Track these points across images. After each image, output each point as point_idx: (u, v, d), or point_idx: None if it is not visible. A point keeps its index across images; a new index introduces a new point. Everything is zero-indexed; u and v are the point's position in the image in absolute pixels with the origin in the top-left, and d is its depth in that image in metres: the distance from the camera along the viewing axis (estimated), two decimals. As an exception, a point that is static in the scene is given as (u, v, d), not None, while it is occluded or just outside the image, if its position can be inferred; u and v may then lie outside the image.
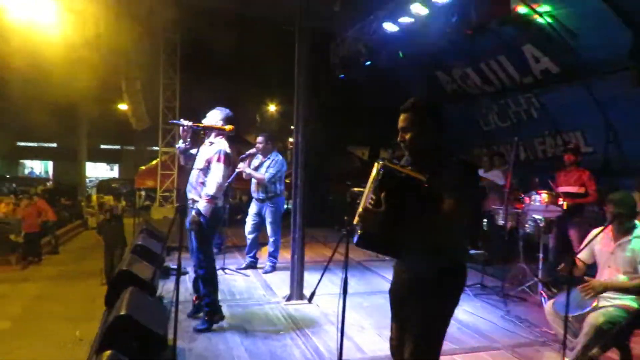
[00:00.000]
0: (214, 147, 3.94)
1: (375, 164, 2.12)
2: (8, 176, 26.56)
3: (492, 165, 6.90)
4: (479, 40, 7.27)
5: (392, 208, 1.97)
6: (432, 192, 2.02)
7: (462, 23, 5.47)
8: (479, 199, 2.35)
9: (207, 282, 4.01)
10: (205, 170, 3.90)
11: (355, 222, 2.10)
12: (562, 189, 5.44)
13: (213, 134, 4.01)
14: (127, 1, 8.18)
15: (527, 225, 5.52)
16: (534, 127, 8.16)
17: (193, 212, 3.82)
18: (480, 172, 6.78)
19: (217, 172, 3.83)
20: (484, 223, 6.94)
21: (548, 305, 3.59)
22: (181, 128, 3.90)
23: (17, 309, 7.52)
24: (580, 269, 3.45)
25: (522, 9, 5.96)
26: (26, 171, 34.26)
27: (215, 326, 4.06)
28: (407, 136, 2.20)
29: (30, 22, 7.44)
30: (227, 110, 4.08)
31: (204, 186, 3.86)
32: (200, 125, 3.88)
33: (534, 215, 5.34)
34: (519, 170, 8.12)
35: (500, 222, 5.81)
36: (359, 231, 2.08)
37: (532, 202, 5.23)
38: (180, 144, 3.99)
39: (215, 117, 4.02)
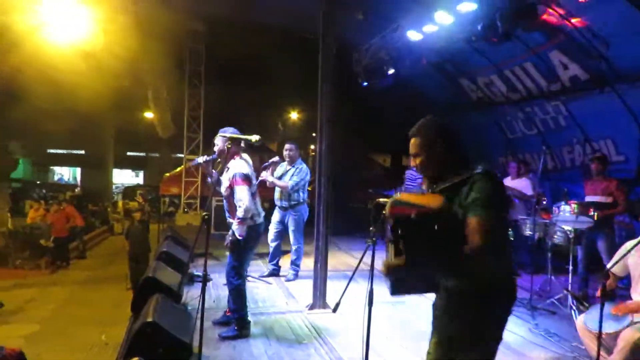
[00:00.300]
0: (230, 172, 3.97)
1: (386, 209, 1.98)
2: (39, 182, 27.36)
3: (519, 174, 6.76)
4: (505, 46, 7.17)
5: (414, 252, 1.87)
6: (453, 217, 1.92)
7: (487, 31, 5.39)
8: (505, 210, 2.14)
9: (237, 298, 4.09)
10: (229, 196, 4.00)
11: (383, 272, 1.99)
12: (589, 198, 5.30)
13: (227, 159, 4.00)
14: (154, 14, 8.38)
15: (555, 236, 5.39)
16: (561, 135, 7.99)
17: (229, 234, 3.96)
18: (507, 180, 6.64)
19: (240, 194, 3.88)
20: (510, 233, 6.80)
21: (579, 319, 3.49)
22: (204, 164, 4.03)
23: (46, 312, 7.70)
24: (611, 283, 3.34)
25: (550, 17, 5.85)
26: (56, 177, 35.25)
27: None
28: (418, 161, 2.14)
29: (62, 35, 7.71)
30: (230, 129, 3.98)
31: (233, 211, 3.98)
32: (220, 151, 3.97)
33: (563, 226, 5.21)
34: (547, 179, 7.97)
35: (528, 232, 5.70)
36: (390, 283, 2.01)
37: (561, 213, 5.09)
38: (209, 180, 4.17)
39: (222, 141, 3.98)
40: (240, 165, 3.98)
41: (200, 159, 4.02)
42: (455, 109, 10.31)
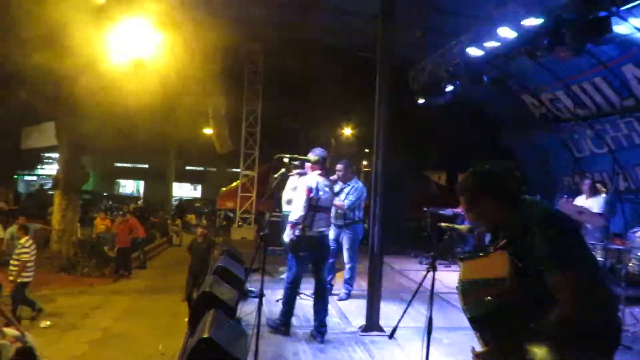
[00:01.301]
0: (301, 180, 4.55)
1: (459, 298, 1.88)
2: (105, 194, 29.08)
3: (592, 193, 6.25)
4: (571, 61, 6.83)
5: (500, 338, 1.78)
6: (525, 281, 1.78)
7: (555, 46, 5.14)
8: (588, 261, 1.87)
9: (284, 302, 4.50)
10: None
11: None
12: None
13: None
14: (215, 35, 8.76)
15: (631, 264, 4.98)
16: (635, 154, 7.45)
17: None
18: (581, 199, 6.20)
19: (299, 201, 4.27)
20: (597, 261, 6.31)
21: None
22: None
23: (108, 320, 8.07)
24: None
25: (623, 28, 5.50)
26: (121, 189, 37.33)
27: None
28: (471, 217, 2.05)
29: (129, 56, 8.21)
30: (319, 150, 4.57)
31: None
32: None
33: (639, 253, 4.81)
34: (619, 202, 7.42)
35: (599, 258, 5.30)
36: None
37: (637, 239, 4.70)
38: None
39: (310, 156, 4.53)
40: (311, 179, 4.47)
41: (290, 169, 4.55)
42: (517, 127, 9.92)
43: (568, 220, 1.90)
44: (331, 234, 6.02)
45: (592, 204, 6.02)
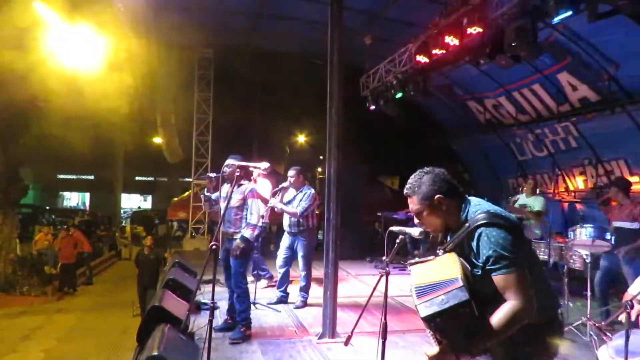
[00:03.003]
0: (244, 187, 4.66)
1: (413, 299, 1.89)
2: (48, 207, 27.53)
3: (535, 192, 6.55)
4: (513, 69, 7.17)
5: (453, 338, 1.82)
6: (476, 282, 1.84)
7: (496, 54, 5.38)
8: (524, 246, 1.95)
9: (243, 300, 4.61)
10: (238, 207, 4.62)
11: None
12: (615, 223, 5.16)
13: (235, 181, 4.36)
14: (163, 41, 8.52)
15: (571, 261, 5.25)
16: (572, 156, 7.91)
17: (237, 241, 4.49)
18: (521, 197, 6.48)
19: (254, 205, 4.63)
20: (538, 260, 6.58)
21: (602, 349, 3.33)
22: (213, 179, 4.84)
23: (52, 341, 7.58)
24: (637, 311, 3.20)
25: (557, 37, 5.85)
26: (65, 202, 35.49)
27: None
28: (420, 220, 2.07)
29: (72, 62, 7.83)
30: (238, 157, 4.58)
31: (244, 220, 4.62)
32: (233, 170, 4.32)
33: (579, 250, 5.07)
34: (559, 201, 7.83)
35: (542, 256, 5.55)
36: None
37: (577, 237, 4.96)
38: (207, 193, 4.87)
39: (232, 167, 4.43)
40: (254, 185, 4.80)
41: (212, 175, 4.86)
42: (464, 132, 10.28)
43: (511, 219, 1.94)
44: (285, 241, 5.99)
45: (532, 202, 6.31)
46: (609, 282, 5.28)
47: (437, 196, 1.98)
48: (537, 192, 6.41)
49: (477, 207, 1.97)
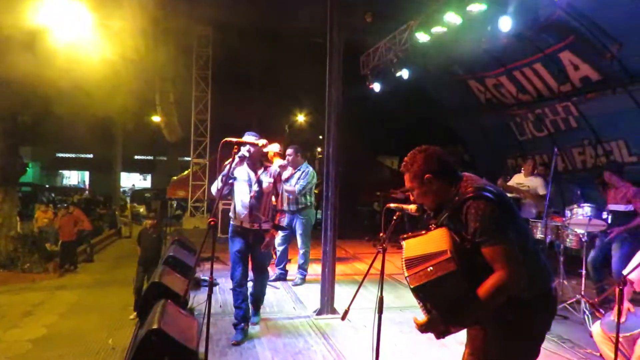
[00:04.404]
0: (273, 168, 4.20)
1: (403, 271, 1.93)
2: (47, 186, 27.58)
3: (533, 173, 6.52)
4: (514, 47, 7.09)
5: (441, 307, 1.86)
6: (466, 254, 1.88)
7: (497, 31, 5.31)
8: (514, 220, 2.01)
9: (264, 287, 4.60)
10: (268, 193, 4.11)
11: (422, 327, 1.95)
12: (611, 207, 5.18)
13: (259, 157, 4.15)
14: (162, 18, 8.40)
15: (567, 240, 5.29)
16: (572, 137, 7.88)
17: (272, 232, 4.13)
18: (519, 176, 6.48)
19: (283, 189, 4.61)
20: (531, 236, 6.61)
21: (596, 325, 3.40)
22: (241, 154, 3.87)
23: (54, 316, 7.69)
24: (628, 290, 3.25)
25: (560, 16, 5.76)
26: (65, 181, 35.53)
27: (245, 340, 4.03)
28: (414, 196, 2.11)
29: (70, 39, 7.72)
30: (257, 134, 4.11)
31: (264, 207, 4.11)
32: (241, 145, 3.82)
33: (575, 230, 5.11)
34: (558, 181, 7.85)
35: (539, 235, 5.59)
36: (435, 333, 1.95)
37: (574, 216, 4.99)
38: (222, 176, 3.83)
39: (251, 138, 3.97)
40: (275, 164, 4.38)
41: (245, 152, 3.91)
42: (464, 112, 10.22)
43: (497, 192, 1.96)
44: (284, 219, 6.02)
45: (529, 182, 6.32)
46: (603, 260, 5.34)
47: (426, 175, 2.02)
48: (535, 172, 6.41)
49: (467, 182, 2.00)
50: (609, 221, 4.93)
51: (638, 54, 5.79)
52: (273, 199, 4.14)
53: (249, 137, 3.92)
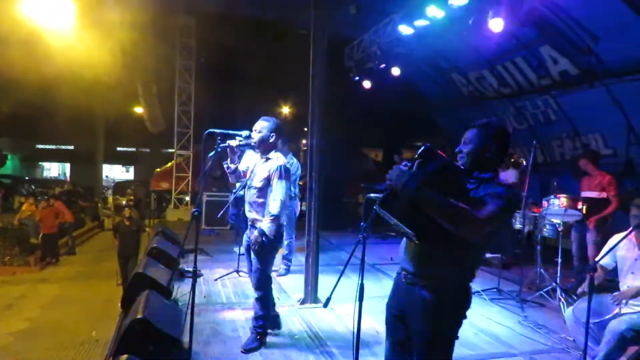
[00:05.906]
0: (272, 163, 3.61)
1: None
2: (27, 178, 27.06)
3: (507, 166, 6.70)
4: (496, 41, 7.18)
5: (422, 174, 1.94)
6: (467, 192, 2.03)
7: (479, 25, 5.39)
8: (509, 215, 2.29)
9: (264, 305, 3.80)
10: (264, 189, 3.61)
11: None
12: (584, 193, 5.35)
13: (266, 149, 3.66)
14: (144, 8, 8.28)
15: (545, 229, 5.45)
16: (551, 129, 8.04)
17: (255, 232, 3.58)
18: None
19: (280, 190, 3.55)
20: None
21: (568, 311, 3.53)
22: (235, 149, 3.57)
23: (36, 309, 7.62)
24: (599, 275, 3.38)
25: (541, 10, 5.87)
26: (45, 173, 34.88)
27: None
28: (466, 150, 2.25)
29: (51, 29, 7.59)
30: (275, 119, 3.69)
31: (264, 206, 3.62)
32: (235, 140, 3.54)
33: (552, 219, 5.26)
34: (537, 173, 8.02)
35: (517, 225, 5.74)
36: (387, 190, 2.05)
37: (550, 206, 5.13)
38: (230, 164, 3.65)
39: (267, 130, 3.62)
40: (283, 159, 3.71)
41: (234, 142, 3.50)
42: (446, 104, 10.33)
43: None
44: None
45: (503, 176, 6.47)
46: (584, 250, 5.51)
47: (491, 143, 2.21)
48: (513, 163, 6.58)
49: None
50: (584, 211, 5.09)
51: (614, 48, 5.93)
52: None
53: (259, 123, 3.63)
